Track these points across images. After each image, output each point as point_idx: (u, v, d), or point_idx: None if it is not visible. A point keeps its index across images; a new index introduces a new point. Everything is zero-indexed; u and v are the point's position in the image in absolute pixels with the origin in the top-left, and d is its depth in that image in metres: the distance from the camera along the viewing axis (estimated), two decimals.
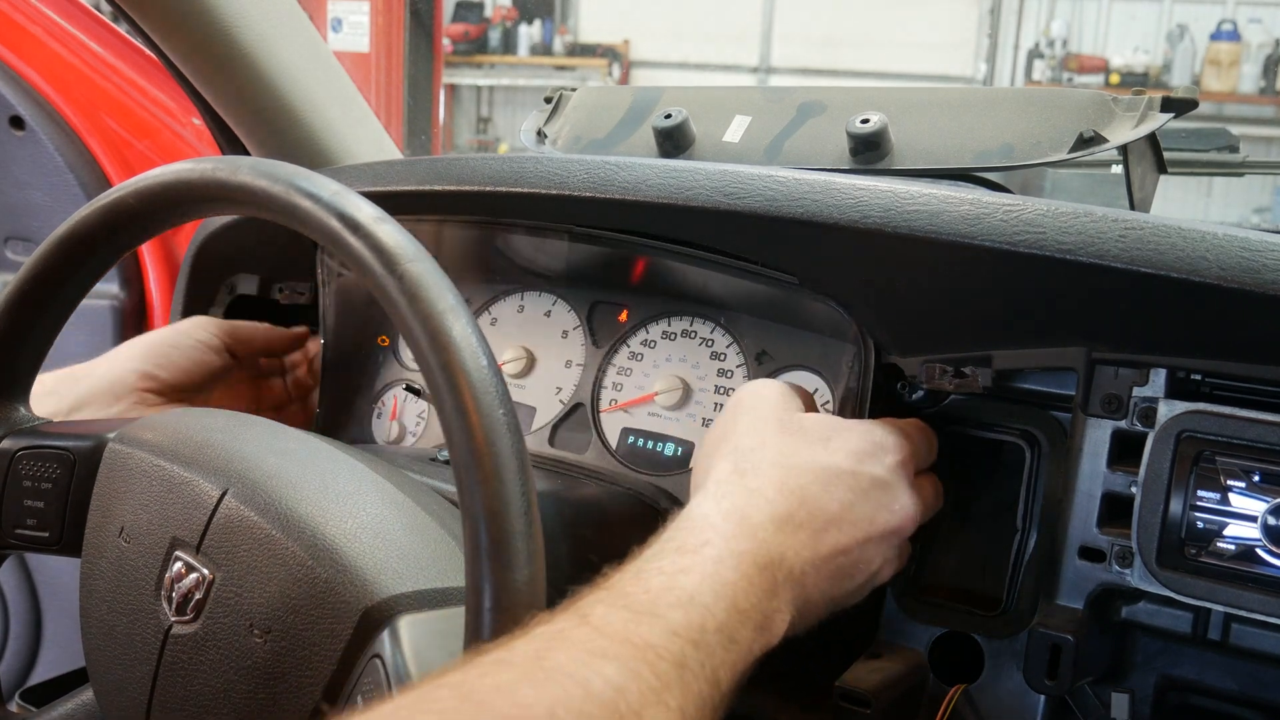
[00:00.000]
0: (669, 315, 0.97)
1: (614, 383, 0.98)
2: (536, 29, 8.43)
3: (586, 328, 1.00)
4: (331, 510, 0.64)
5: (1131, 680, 0.77)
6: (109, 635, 0.69)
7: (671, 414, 0.95)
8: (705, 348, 0.94)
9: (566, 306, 1.02)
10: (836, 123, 0.95)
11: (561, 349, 1.01)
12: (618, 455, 0.96)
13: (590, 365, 0.99)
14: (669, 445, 0.94)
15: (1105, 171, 1.22)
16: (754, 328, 0.92)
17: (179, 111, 1.42)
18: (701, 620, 0.57)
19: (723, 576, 0.60)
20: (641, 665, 0.51)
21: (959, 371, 0.78)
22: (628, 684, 0.50)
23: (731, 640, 0.58)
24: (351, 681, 0.60)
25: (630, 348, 0.98)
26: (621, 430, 0.97)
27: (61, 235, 0.72)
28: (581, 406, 0.99)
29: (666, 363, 0.96)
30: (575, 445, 0.98)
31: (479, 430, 0.54)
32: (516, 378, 1.02)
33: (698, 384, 0.94)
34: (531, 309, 1.03)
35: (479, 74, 8.52)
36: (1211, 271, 0.66)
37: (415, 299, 0.57)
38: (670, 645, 0.54)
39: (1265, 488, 0.67)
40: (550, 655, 0.49)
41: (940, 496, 0.79)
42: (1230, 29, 7.13)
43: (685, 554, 0.61)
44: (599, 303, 1.00)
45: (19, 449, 0.75)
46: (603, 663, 0.50)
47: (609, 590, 0.57)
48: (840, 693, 0.75)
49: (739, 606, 0.60)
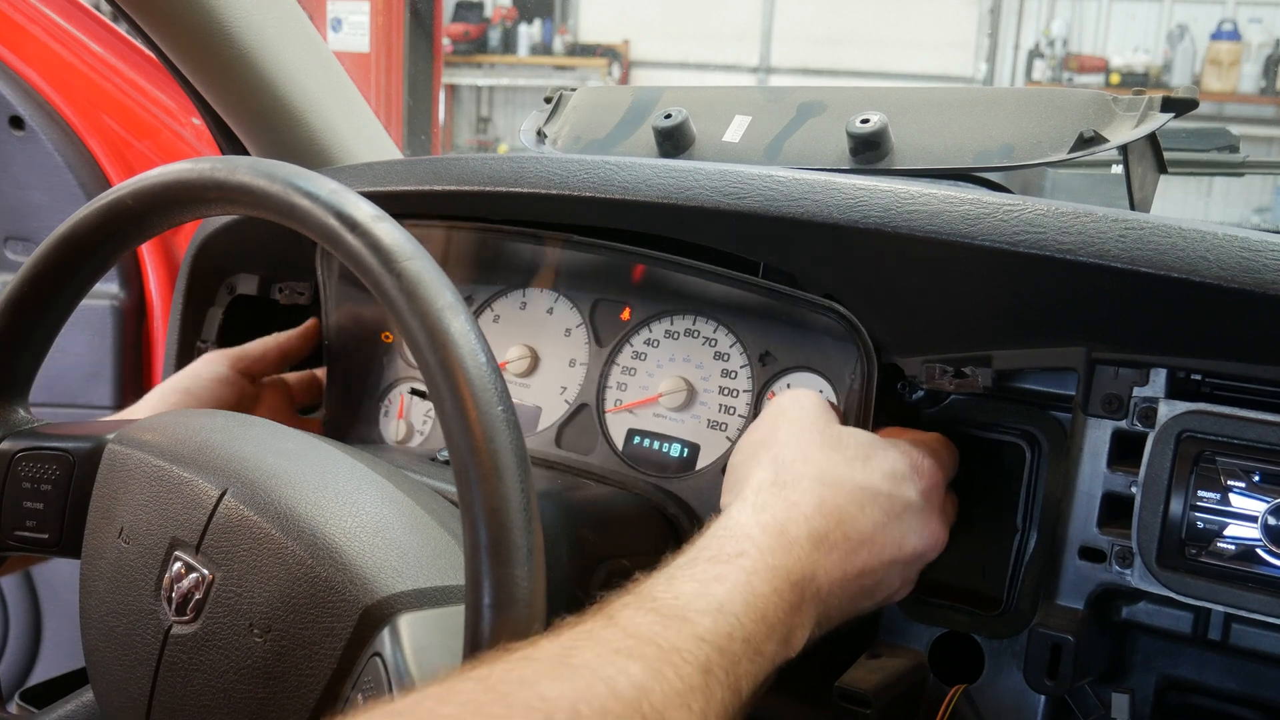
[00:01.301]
0: (672, 314, 0.96)
1: (618, 382, 0.98)
2: (536, 29, 8.43)
3: (589, 326, 1.00)
4: (331, 509, 0.64)
5: (1131, 680, 0.77)
6: (109, 636, 0.69)
7: (676, 415, 0.95)
8: (708, 348, 0.94)
9: (569, 304, 1.02)
10: (836, 123, 0.95)
11: (565, 347, 1.01)
12: (624, 456, 0.96)
13: (594, 364, 0.99)
14: (675, 446, 0.94)
15: (1105, 171, 1.22)
16: (757, 328, 0.92)
17: (179, 111, 1.42)
18: (730, 629, 0.57)
19: (755, 588, 0.60)
20: (667, 667, 0.51)
21: (959, 371, 0.78)
22: (652, 685, 0.50)
23: (757, 652, 0.58)
24: (351, 680, 0.60)
25: (634, 347, 0.98)
26: (627, 431, 0.97)
27: (61, 235, 0.72)
28: (587, 407, 0.98)
29: (670, 363, 0.96)
30: (581, 446, 0.98)
31: (478, 427, 0.54)
32: (521, 377, 1.02)
33: (701, 385, 0.94)
34: (534, 306, 1.03)
35: (479, 74, 8.52)
36: (1212, 271, 0.66)
37: (413, 297, 0.57)
38: (697, 651, 0.54)
39: (1265, 488, 0.67)
40: (576, 653, 0.50)
41: (956, 511, 0.79)
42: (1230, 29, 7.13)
43: (719, 563, 0.61)
44: (601, 300, 1.00)
45: (18, 450, 0.75)
46: (628, 662, 0.50)
47: (638, 594, 0.57)
48: (840, 693, 0.75)
49: (767, 620, 0.60)
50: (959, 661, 0.80)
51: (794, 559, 0.64)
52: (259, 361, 1.07)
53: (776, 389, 0.90)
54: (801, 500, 0.67)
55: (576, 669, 0.48)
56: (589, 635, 0.52)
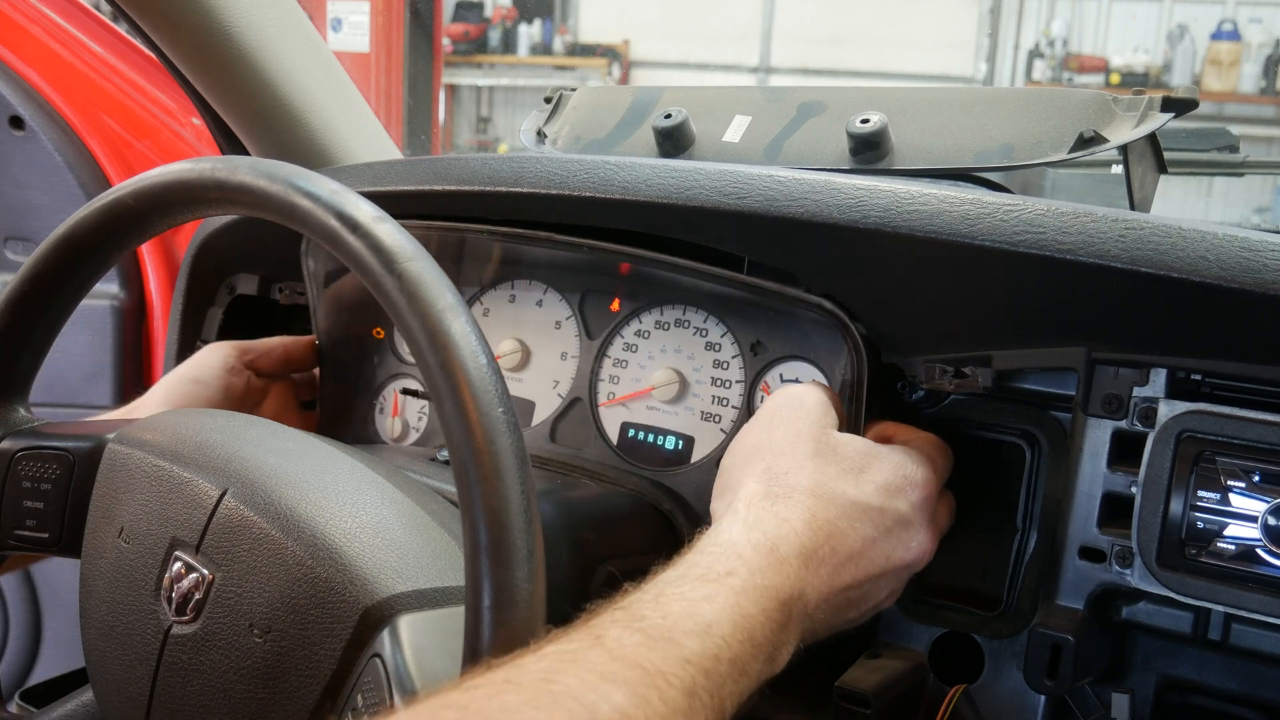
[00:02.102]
0: (661, 304, 0.96)
1: (610, 375, 0.98)
2: (536, 29, 8.43)
3: (579, 318, 1.00)
4: (331, 510, 0.64)
5: (1131, 680, 0.77)
6: (109, 636, 0.69)
7: (669, 408, 0.95)
8: (699, 338, 0.94)
9: (558, 296, 1.02)
10: (836, 122, 0.95)
11: (555, 340, 1.01)
12: (619, 450, 0.96)
13: (585, 357, 0.99)
14: (669, 439, 0.94)
15: (1105, 171, 1.22)
16: (748, 318, 0.92)
17: (179, 111, 1.42)
18: (716, 650, 0.56)
19: (743, 609, 0.60)
20: (651, 692, 0.51)
21: (959, 371, 0.78)
22: (635, 712, 0.49)
23: (742, 672, 0.58)
24: (351, 681, 0.60)
25: (624, 339, 0.98)
26: (621, 425, 0.96)
27: (61, 236, 0.72)
28: (580, 401, 0.98)
29: (661, 354, 0.96)
30: (576, 441, 0.98)
31: (478, 429, 0.54)
32: (514, 371, 1.02)
33: (694, 376, 0.94)
34: (523, 298, 1.03)
35: (479, 74, 8.52)
36: (1212, 271, 0.66)
37: (414, 298, 0.57)
38: (682, 673, 0.53)
39: (1265, 488, 0.67)
40: (559, 678, 0.49)
41: (953, 515, 0.79)
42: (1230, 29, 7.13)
43: (708, 582, 0.61)
44: (590, 292, 1.00)
45: (18, 450, 0.75)
46: (611, 688, 0.49)
47: (626, 611, 0.57)
48: (840, 693, 0.75)
49: (754, 640, 0.60)
50: (959, 661, 0.80)
51: (783, 578, 0.63)
52: (265, 357, 1.05)
53: (769, 379, 0.90)
54: (793, 516, 0.67)
55: (559, 696, 0.48)
56: (574, 658, 0.51)
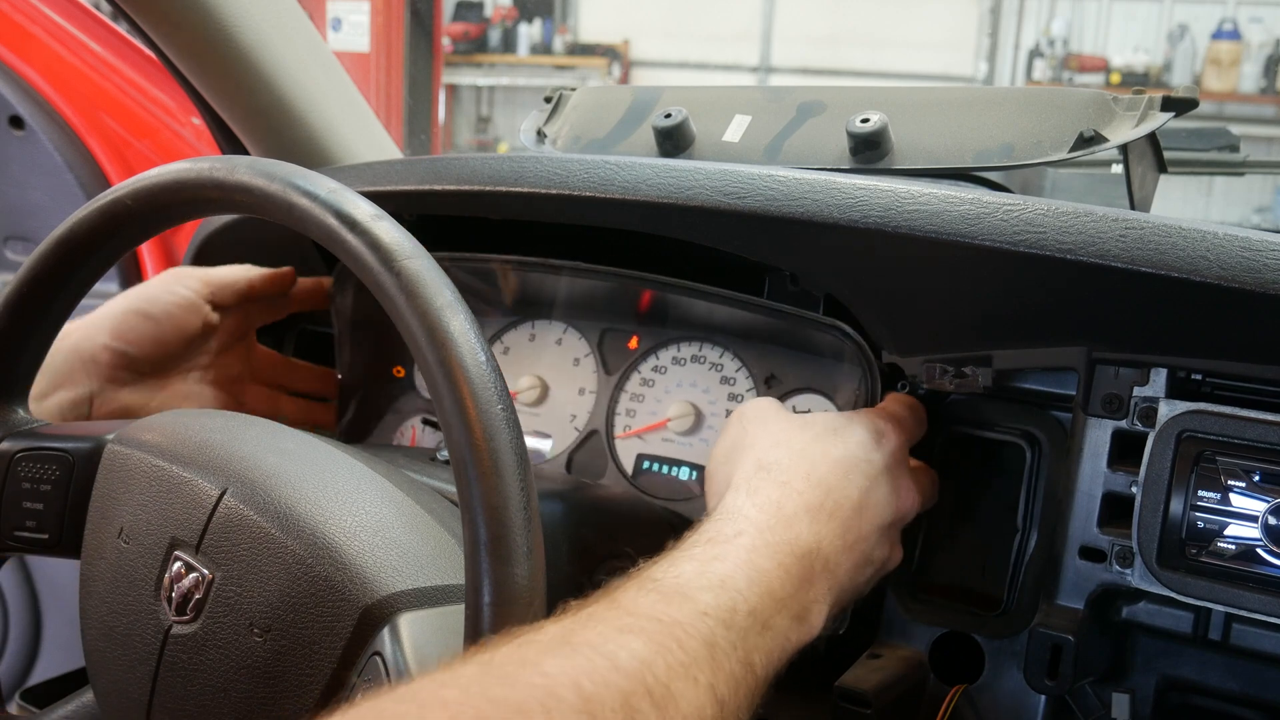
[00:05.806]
0: (678, 341, 0.98)
1: (627, 409, 0.99)
2: (536, 28, 8.42)
3: (598, 355, 1.01)
4: (331, 509, 0.64)
5: (1132, 680, 0.77)
6: (109, 636, 0.69)
7: (685, 439, 0.95)
8: (715, 372, 0.95)
9: (577, 334, 1.03)
10: (836, 122, 0.95)
11: (574, 376, 1.02)
12: (634, 481, 0.96)
13: (603, 392, 1.00)
14: (684, 470, 0.95)
15: (1105, 171, 1.21)
16: (762, 352, 0.93)
17: (179, 111, 1.42)
18: (733, 603, 0.57)
19: (757, 564, 0.61)
20: (669, 641, 0.52)
21: (959, 371, 0.78)
22: (654, 658, 0.50)
23: (765, 626, 0.59)
24: (352, 679, 0.60)
25: (641, 374, 0.99)
26: (636, 456, 0.97)
27: (60, 236, 0.72)
28: (596, 433, 0.99)
29: (677, 388, 0.97)
30: (592, 472, 0.99)
31: (477, 425, 0.54)
32: (532, 406, 1.03)
33: (709, 409, 0.95)
34: (543, 337, 1.04)
35: (479, 74, 8.51)
36: (1212, 271, 0.66)
37: (413, 295, 0.57)
38: (699, 625, 0.54)
39: (1266, 487, 0.67)
40: (578, 633, 0.50)
41: (936, 488, 0.80)
42: (1231, 28, 7.12)
43: (718, 544, 0.62)
44: (609, 330, 1.01)
45: (18, 451, 0.75)
46: (629, 638, 0.50)
47: (639, 578, 0.58)
48: (840, 693, 0.75)
49: (774, 594, 0.61)
50: (959, 661, 0.80)
51: (795, 533, 0.65)
52: (226, 289, 0.99)
53: None
54: (790, 478, 0.68)
55: (578, 647, 0.49)
56: (591, 617, 0.52)
